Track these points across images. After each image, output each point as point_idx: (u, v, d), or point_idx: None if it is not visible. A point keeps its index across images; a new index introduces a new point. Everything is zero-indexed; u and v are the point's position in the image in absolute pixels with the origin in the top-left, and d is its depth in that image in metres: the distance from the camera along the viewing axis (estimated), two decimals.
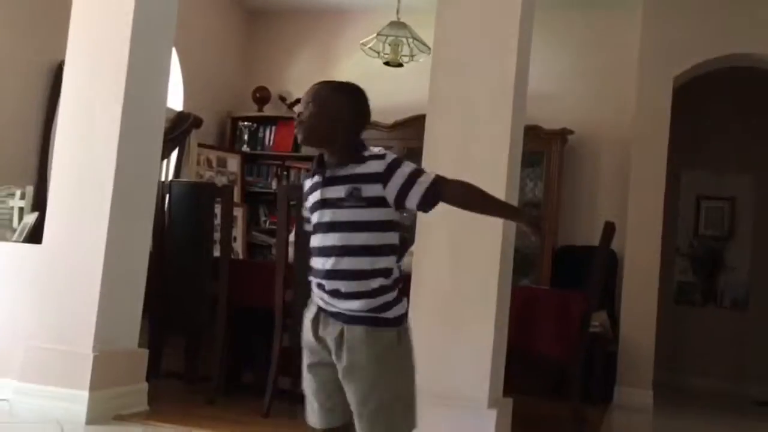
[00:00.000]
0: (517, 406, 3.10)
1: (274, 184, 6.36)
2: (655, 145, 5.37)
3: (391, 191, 1.77)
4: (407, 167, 1.80)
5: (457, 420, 2.72)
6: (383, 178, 1.78)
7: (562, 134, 5.82)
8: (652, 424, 4.89)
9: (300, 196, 3.65)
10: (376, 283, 1.78)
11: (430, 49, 3.95)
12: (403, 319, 1.82)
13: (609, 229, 4.11)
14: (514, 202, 3.07)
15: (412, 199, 1.77)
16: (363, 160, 1.82)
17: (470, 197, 1.84)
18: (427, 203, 1.78)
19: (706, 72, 5.64)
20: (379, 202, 1.78)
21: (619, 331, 5.33)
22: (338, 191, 1.79)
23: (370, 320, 1.78)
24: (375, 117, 7.01)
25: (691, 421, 5.15)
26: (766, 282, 6.80)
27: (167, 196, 4.02)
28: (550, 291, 4.75)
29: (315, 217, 1.84)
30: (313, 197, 1.84)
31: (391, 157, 1.83)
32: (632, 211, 5.38)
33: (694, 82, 5.76)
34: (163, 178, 5.50)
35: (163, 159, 5.33)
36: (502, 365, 3.02)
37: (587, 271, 4.03)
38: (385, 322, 1.79)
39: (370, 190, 1.78)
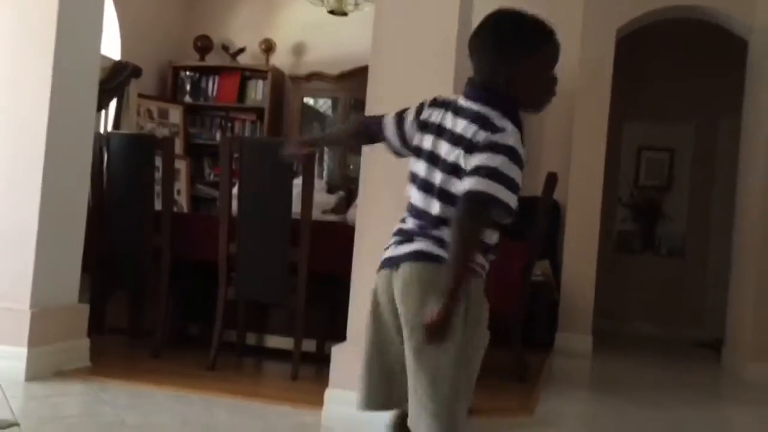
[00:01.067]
0: None
1: (218, 137, 6.24)
2: (597, 97, 5.44)
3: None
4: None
5: None
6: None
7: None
8: (591, 367, 5.07)
9: (243, 148, 3.61)
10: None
11: None
12: None
13: (551, 179, 4.18)
14: None
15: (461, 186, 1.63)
16: None
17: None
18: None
19: (648, 24, 5.70)
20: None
21: (561, 279, 5.47)
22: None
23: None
24: (321, 67, 6.93)
25: (627, 363, 5.35)
26: (701, 231, 7.03)
27: (105, 148, 3.91)
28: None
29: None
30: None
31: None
32: (575, 162, 5.47)
33: (637, 34, 5.82)
34: (102, 130, 5.35)
35: (100, 110, 5.17)
36: None
37: (530, 221, 4.10)
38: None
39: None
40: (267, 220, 3.55)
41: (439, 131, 1.59)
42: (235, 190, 3.64)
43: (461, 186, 1.51)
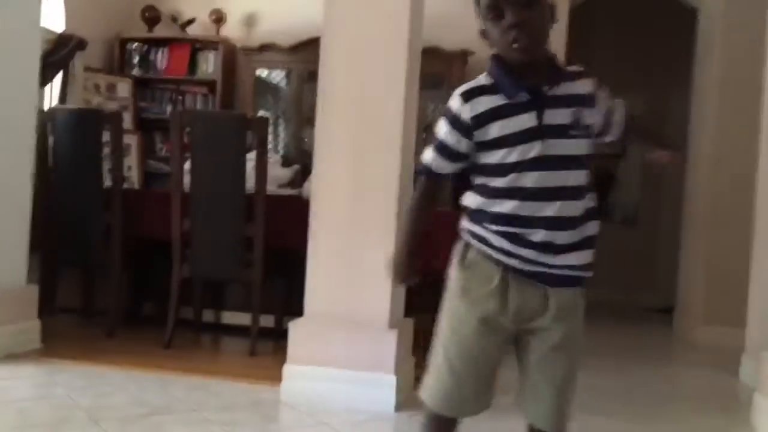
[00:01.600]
0: (420, 325, 3.17)
1: (169, 110, 6.09)
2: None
3: (598, 117, 1.52)
4: (604, 91, 1.56)
5: (360, 342, 2.76)
6: (594, 100, 1.52)
7: (463, 56, 5.81)
8: None
9: (194, 122, 3.53)
10: (589, 230, 1.53)
11: None
12: None
13: None
14: (414, 125, 3.06)
15: (615, 128, 1.55)
16: (573, 76, 1.53)
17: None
18: (625, 133, 1.55)
19: None
20: (591, 130, 1.52)
21: None
22: (563, 116, 1.46)
23: (580, 280, 1.58)
24: (273, 39, 6.80)
25: (585, 330, 5.44)
26: (653, 200, 7.17)
27: (51, 124, 3.79)
28: (450, 213, 4.82)
29: (515, 152, 1.45)
30: (516, 124, 1.45)
31: (591, 76, 1.56)
32: None
33: (589, 4, 5.84)
34: (47, 106, 5.17)
35: (44, 85, 5.00)
36: (403, 287, 3.06)
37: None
38: (585, 282, 1.58)
39: (589, 115, 1.50)
40: (221, 195, 3.49)
41: None
42: (187, 165, 3.57)
43: None
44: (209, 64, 6.19)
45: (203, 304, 4.05)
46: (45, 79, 4.86)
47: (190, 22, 6.26)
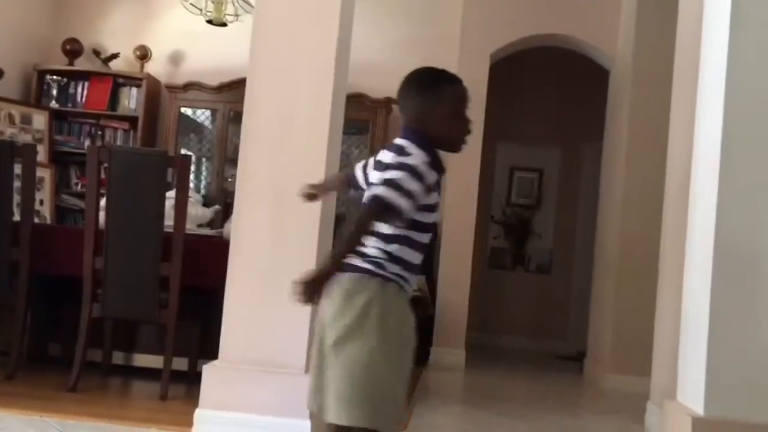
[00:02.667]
0: None
1: (87, 145, 5.94)
2: (472, 118, 5.61)
3: None
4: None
5: (276, 387, 2.72)
6: None
7: (387, 103, 5.93)
8: (463, 381, 5.20)
9: (111, 157, 3.46)
10: None
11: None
12: None
13: None
14: (335, 169, 3.09)
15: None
16: None
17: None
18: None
19: (521, 50, 5.98)
20: None
21: (436, 294, 5.59)
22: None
23: None
24: (200, 78, 6.75)
25: (497, 377, 5.53)
26: (566, 248, 7.42)
27: None
28: None
29: (432, 217, 1.86)
30: (438, 197, 1.87)
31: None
32: (451, 181, 5.62)
33: (510, 59, 6.09)
34: None
35: None
36: None
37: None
38: None
39: None
40: (137, 233, 3.41)
41: (375, 164, 1.94)
42: (103, 202, 3.48)
43: (368, 192, 1.86)
44: (131, 100, 6.10)
45: (114, 345, 3.90)
46: None
47: (114, 56, 6.17)
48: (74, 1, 6.37)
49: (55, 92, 6.07)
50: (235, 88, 5.72)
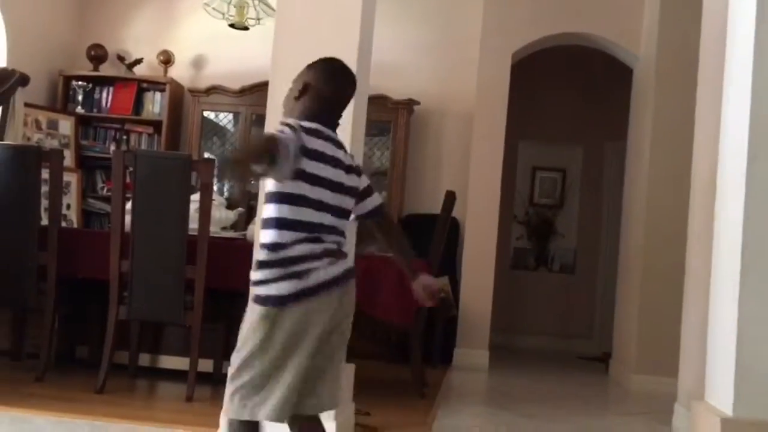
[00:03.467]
0: (361, 371, 3.16)
1: (112, 149, 6.01)
2: (494, 118, 5.61)
3: None
4: None
5: None
6: None
7: (409, 105, 5.93)
8: (487, 382, 5.18)
9: (137, 161, 3.49)
10: None
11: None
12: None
13: (449, 197, 4.27)
14: None
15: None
16: None
17: None
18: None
19: (542, 48, 5.95)
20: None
21: (459, 295, 5.57)
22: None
23: None
24: (222, 82, 6.78)
25: (521, 377, 5.50)
26: (590, 248, 7.36)
27: None
28: (391, 259, 4.86)
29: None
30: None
31: None
32: (473, 181, 5.61)
33: (532, 58, 6.06)
34: None
35: None
36: None
37: (430, 238, 4.16)
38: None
39: None
40: (162, 236, 3.45)
41: (335, 162, 1.94)
42: (129, 205, 3.52)
43: (372, 201, 2.09)
44: (155, 104, 6.16)
45: (140, 347, 3.95)
46: None
47: (138, 62, 6.24)
48: (99, 7, 6.45)
49: (80, 98, 6.15)
50: (257, 91, 5.75)
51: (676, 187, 4.55)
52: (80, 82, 6.16)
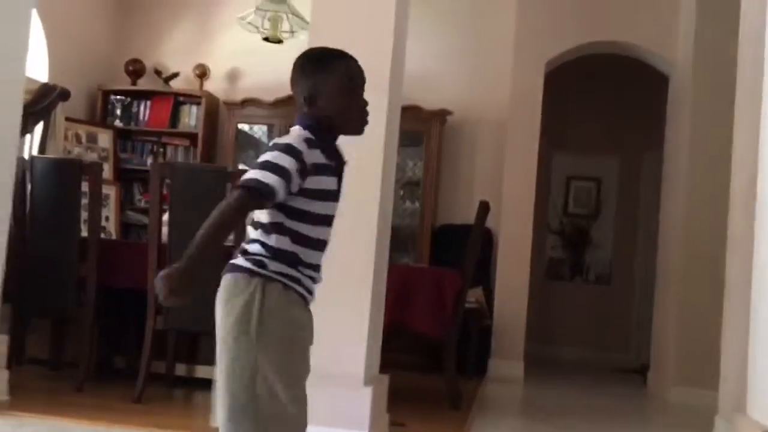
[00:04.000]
0: (395, 381, 3.16)
1: (149, 162, 6.12)
2: (528, 127, 5.58)
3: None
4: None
5: (335, 398, 2.73)
6: None
7: (442, 115, 5.93)
8: (522, 394, 5.13)
9: (173, 174, 3.55)
10: None
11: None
12: None
13: (483, 207, 4.25)
14: (392, 182, 3.10)
15: None
16: None
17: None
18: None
19: (576, 57, 5.90)
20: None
21: (494, 306, 5.53)
22: (341, 183, 1.72)
23: None
24: (257, 94, 6.85)
25: (557, 389, 5.44)
26: (626, 258, 7.26)
27: (29, 173, 3.78)
28: (425, 269, 4.86)
29: (327, 207, 1.67)
30: (330, 183, 1.66)
31: None
32: (506, 191, 5.58)
33: (565, 67, 6.02)
34: (27, 154, 5.17)
35: (24, 133, 5.01)
36: (379, 343, 3.06)
37: (464, 248, 4.15)
38: None
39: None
40: None
41: None
42: (165, 217, 3.57)
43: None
44: (191, 117, 6.25)
45: (176, 357, 3.99)
46: (26, 128, 4.87)
47: (174, 75, 6.34)
48: (137, 23, 6.58)
49: (119, 111, 6.27)
50: (291, 103, 5.79)
51: (714, 197, 4.47)
52: (119, 97, 6.29)
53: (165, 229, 3.54)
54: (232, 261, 1.68)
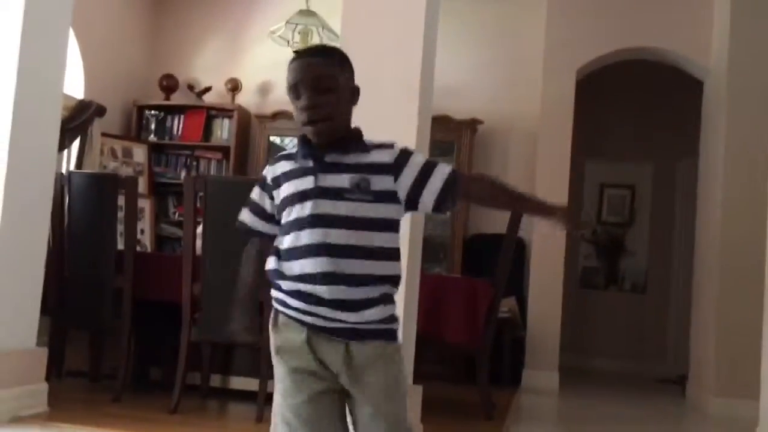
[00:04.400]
0: (428, 392, 3.14)
1: (183, 175, 6.20)
2: (559, 135, 5.54)
3: (403, 185, 1.55)
4: (421, 156, 1.58)
5: None
6: (393, 169, 1.55)
7: (472, 124, 5.92)
8: (557, 405, 5.07)
9: (207, 187, 3.59)
10: (384, 289, 1.55)
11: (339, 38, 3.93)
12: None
13: (516, 216, 4.22)
14: None
15: (428, 195, 1.54)
16: (367, 149, 1.58)
17: (496, 192, 1.61)
18: (444, 200, 1.54)
19: (608, 64, 5.85)
20: (389, 197, 1.55)
21: (527, 316, 5.49)
22: (341, 180, 1.53)
23: (384, 333, 1.56)
24: (288, 107, 6.89)
25: (593, 400, 5.36)
26: (662, 266, 7.15)
27: (66, 188, 3.86)
28: (457, 279, 4.84)
29: (294, 211, 1.56)
30: (297, 185, 1.56)
31: (400, 146, 1.59)
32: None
33: (597, 74, 5.97)
34: (64, 170, 5.28)
35: (62, 149, 5.12)
36: (411, 353, 3.05)
37: (497, 258, 4.12)
38: (396, 335, 1.58)
39: (380, 182, 1.54)
40: (233, 259, 3.51)
41: None
42: (199, 230, 3.61)
43: None
44: (224, 131, 6.33)
45: (211, 368, 4.02)
46: (63, 143, 4.98)
47: (207, 90, 6.43)
48: (169, 39, 6.69)
49: (153, 126, 6.37)
50: None
51: (752, 203, 4.39)
52: (153, 111, 6.39)
53: (199, 242, 3.58)
54: None
